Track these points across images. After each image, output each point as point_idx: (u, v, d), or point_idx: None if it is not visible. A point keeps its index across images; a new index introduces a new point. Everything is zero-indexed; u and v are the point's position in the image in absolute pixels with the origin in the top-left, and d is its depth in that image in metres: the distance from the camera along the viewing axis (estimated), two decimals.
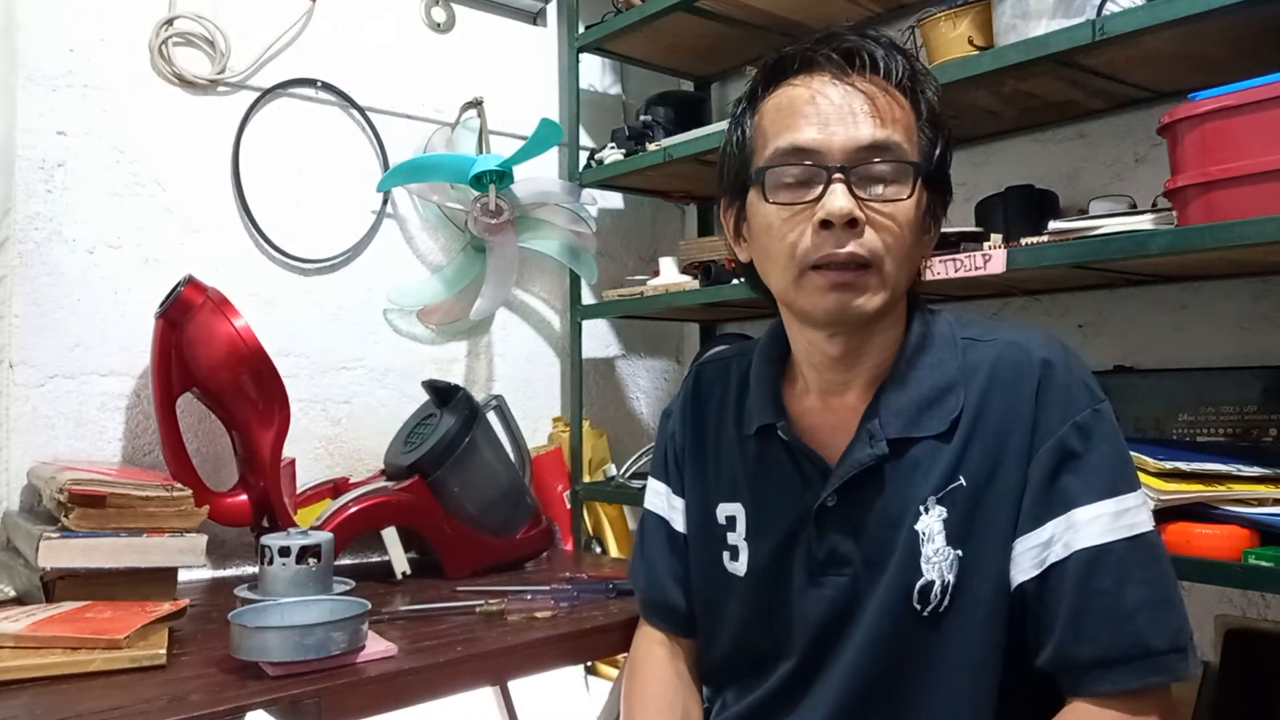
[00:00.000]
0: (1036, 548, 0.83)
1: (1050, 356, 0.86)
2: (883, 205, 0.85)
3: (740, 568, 0.96)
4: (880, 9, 1.84)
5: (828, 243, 0.84)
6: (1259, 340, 1.42)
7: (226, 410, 1.51)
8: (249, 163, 1.71)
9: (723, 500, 0.99)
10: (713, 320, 2.25)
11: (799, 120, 0.86)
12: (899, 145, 0.85)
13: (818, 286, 0.86)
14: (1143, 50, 1.28)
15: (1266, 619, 1.40)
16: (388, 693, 0.99)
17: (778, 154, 0.87)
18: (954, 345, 0.90)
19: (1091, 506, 0.81)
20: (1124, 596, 0.79)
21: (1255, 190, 1.06)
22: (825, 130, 0.85)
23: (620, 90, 2.29)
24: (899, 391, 0.89)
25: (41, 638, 1.00)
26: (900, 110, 0.87)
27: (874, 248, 0.84)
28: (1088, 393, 0.85)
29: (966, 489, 0.85)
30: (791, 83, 0.88)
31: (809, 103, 0.86)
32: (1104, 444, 0.83)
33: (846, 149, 0.84)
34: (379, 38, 1.88)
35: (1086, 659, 0.80)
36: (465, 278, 1.94)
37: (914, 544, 0.85)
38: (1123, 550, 0.80)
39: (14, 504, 1.46)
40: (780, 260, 0.88)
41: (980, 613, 0.84)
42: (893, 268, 0.85)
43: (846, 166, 0.84)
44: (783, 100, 0.89)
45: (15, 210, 1.48)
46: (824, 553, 0.90)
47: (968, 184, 1.78)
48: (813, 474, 0.92)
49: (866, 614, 0.87)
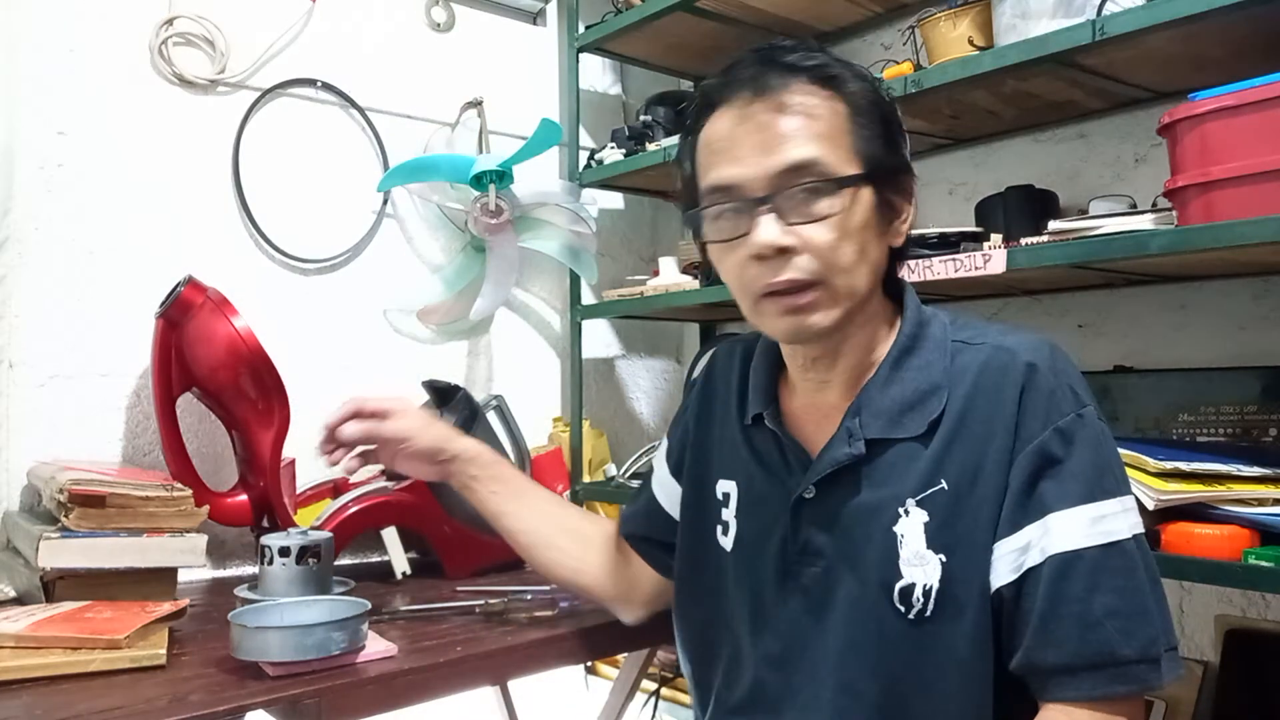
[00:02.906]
0: (1014, 552, 0.83)
1: (1035, 360, 0.85)
2: (816, 225, 0.84)
3: (729, 543, 0.99)
4: (880, 9, 1.84)
5: (766, 273, 0.86)
6: (1259, 340, 1.42)
7: (226, 410, 1.51)
8: (249, 163, 1.71)
9: (721, 476, 1.01)
10: (713, 320, 2.25)
11: (718, 157, 0.88)
12: (819, 161, 0.84)
13: (771, 313, 0.88)
14: (1143, 50, 1.28)
15: (1266, 619, 1.40)
16: (388, 693, 0.99)
17: (706, 193, 0.89)
18: (944, 348, 0.91)
19: (1067, 512, 0.81)
20: (1093, 604, 0.79)
21: (1255, 190, 1.06)
22: (742, 163, 0.86)
23: (620, 90, 2.29)
24: (882, 392, 0.90)
25: (41, 638, 1.00)
26: (818, 122, 0.85)
27: (812, 269, 0.85)
28: (1072, 397, 0.85)
29: (948, 492, 0.85)
30: (713, 119, 0.89)
31: (725, 138, 0.87)
32: (1085, 449, 0.83)
33: (767, 177, 0.85)
34: (379, 38, 1.88)
35: (1052, 664, 0.80)
36: (465, 278, 1.94)
37: (891, 545, 0.86)
38: (1095, 557, 0.80)
39: (14, 504, 1.46)
40: (736, 292, 0.91)
41: (966, 616, 0.83)
42: (843, 279, 0.86)
43: (769, 195, 0.85)
44: (707, 138, 0.90)
45: (15, 210, 1.48)
46: (799, 543, 0.91)
47: (968, 184, 1.78)
48: (796, 464, 0.93)
49: (841, 609, 0.88)
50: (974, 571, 0.84)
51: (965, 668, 0.84)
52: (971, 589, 0.84)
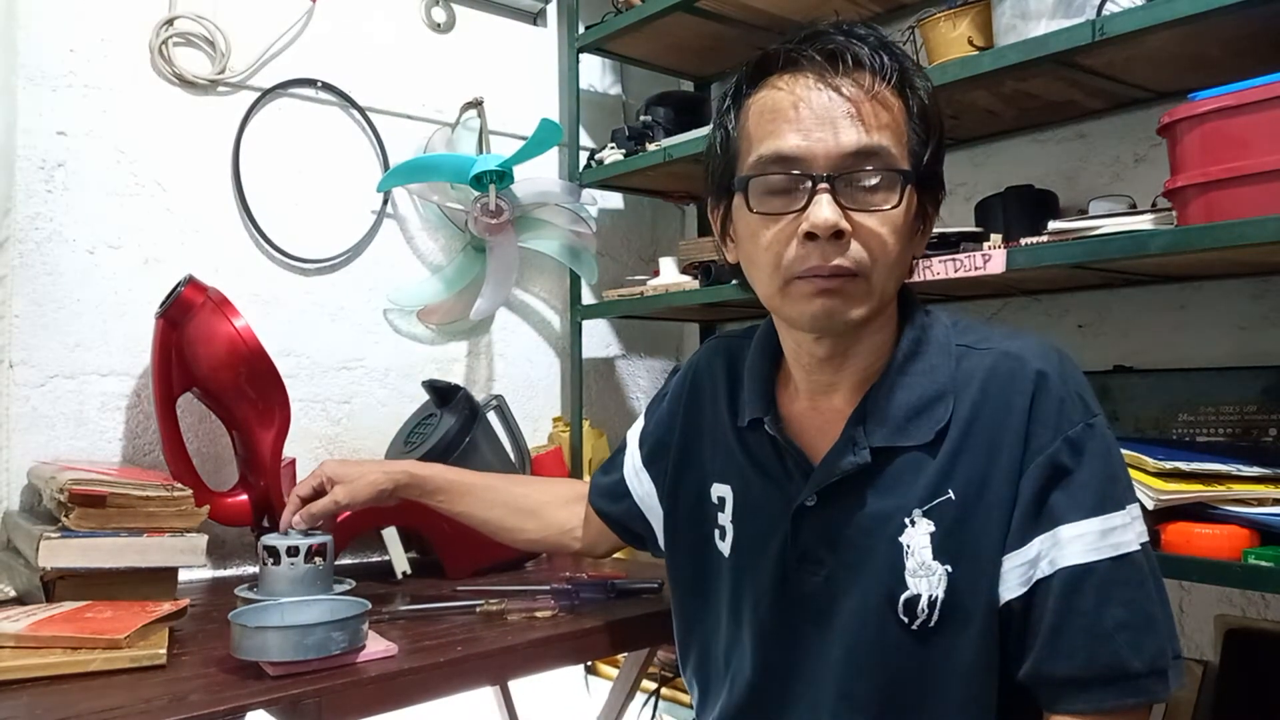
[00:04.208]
0: (1024, 565, 0.82)
1: (1045, 368, 0.84)
2: (870, 215, 0.82)
3: (726, 548, 0.97)
4: (880, 9, 1.84)
5: (813, 255, 0.82)
6: (1259, 340, 1.42)
7: (227, 410, 1.51)
8: (249, 163, 1.71)
9: (716, 480, 1.00)
10: (713, 320, 2.25)
11: (782, 126, 0.83)
12: (887, 151, 0.83)
13: (804, 294, 0.84)
14: (1143, 50, 1.28)
15: (1266, 619, 1.40)
16: (388, 693, 0.99)
17: (761, 161, 0.84)
18: (948, 352, 0.89)
19: (1077, 524, 0.81)
20: (1104, 617, 0.79)
21: (1255, 190, 1.06)
22: (809, 137, 0.82)
23: (620, 90, 2.29)
24: (888, 398, 0.88)
25: (41, 638, 1.00)
26: (888, 113, 0.84)
27: (860, 259, 0.82)
28: (1081, 406, 0.84)
29: (955, 503, 0.84)
30: (775, 84, 0.85)
31: (792, 107, 0.83)
32: (1094, 460, 0.82)
33: (831, 156, 0.82)
34: (379, 38, 1.88)
35: (1062, 676, 0.80)
36: (465, 278, 1.94)
37: (897, 555, 0.84)
38: (1106, 570, 0.80)
39: (14, 504, 1.46)
40: (766, 269, 0.86)
41: (972, 629, 0.83)
42: (881, 276, 0.84)
43: (832, 175, 0.82)
44: (766, 103, 0.85)
45: (15, 210, 1.48)
46: (799, 551, 0.90)
47: (968, 184, 1.78)
48: (796, 471, 0.91)
49: (843, 619, 0.87)
50: (980, 582, 0.83)
51: (968, 679, 0.83)
52: (978, 600, 0.83)
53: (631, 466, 1.14)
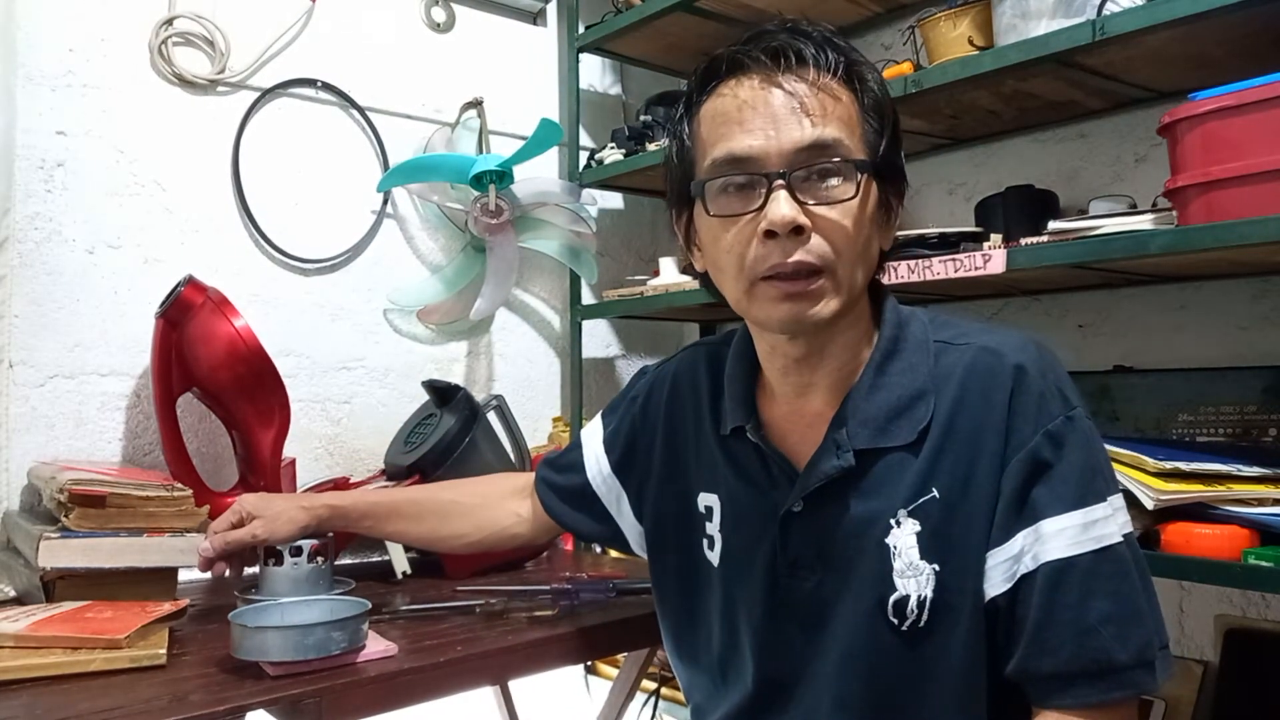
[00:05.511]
0: (1008, 561, 0.82)
1: (1024, 362, 0.84)
2: (829, 208, 0.82)
3: (715, 558, 0.96)
4: (880, 9, 1.84)
5: (774, 253, 0.82)
6: (1259, 340, 1.42)
7: (226, 410, 1.51)
8: (249, 163, 1.71)
9: (703, 490, 0.99)
10: (713, 320, 2.25)
11: (733, 129, 0.83)
12: (839, 142, 0.82)
13: (770, 297, 0.84)
14: (1143, 50, 1.28)
15: (1266, 619, 1.40)
16: (388, 693, 0.99)
17: (715, 165, 0.84)
18: (926, 348, 0.88)
19: (1059, 518, 0.80)
20: (1088, 611, 0.79)
21: (1255, 190, 1.06)
22: (760, 136, 0.82)
23: (620, 90, 2.29)
24: (867, 399, 0.87)
25: (41, 638, 1.00)
26: (838, 104, 0.83)
27: (823, 253, 0.82)
28: (1061, 400, 0.83)
29: (939, 501, 0.83)
30: (722, 90, 0.85)
31: (741, 109, 0.83)
32: (1075, 453, 0.82)
33: (784, 153, 0.82)
34: (379, 38, 1.88)
35: (1048, 671, 0.80)
36: (465, 278, 1.94)
37: (884, 557, 0.84)
38: (1089, 564, 0.80)
39: (14, 504, 1.46)
40: (730, 272, 0.86)
41: (961, 627, 0.83)
42: (846, 270, 0.83)
43: (786, 171, 0.81)
44: (716, 108, 0.86)
45: (15, 210, 1.48)
46: (789, 558, 0.89)
47: (968, 184, 1.78)
48: (781, 477, 0.91)
49: (835, 625, 0.87)
50: (967, 579, 0.83)
51: (960, 677, 0.83)
52: (965, 597, 0.83)
53: (598, 473, 1.11)
